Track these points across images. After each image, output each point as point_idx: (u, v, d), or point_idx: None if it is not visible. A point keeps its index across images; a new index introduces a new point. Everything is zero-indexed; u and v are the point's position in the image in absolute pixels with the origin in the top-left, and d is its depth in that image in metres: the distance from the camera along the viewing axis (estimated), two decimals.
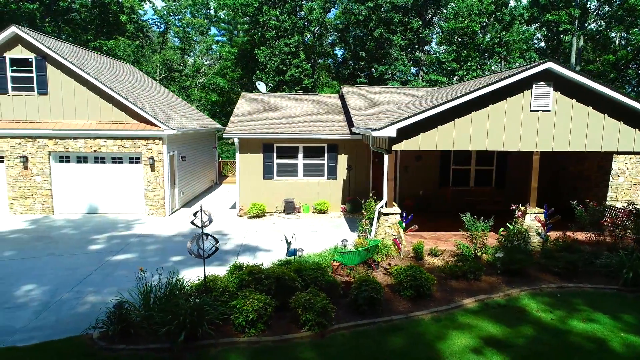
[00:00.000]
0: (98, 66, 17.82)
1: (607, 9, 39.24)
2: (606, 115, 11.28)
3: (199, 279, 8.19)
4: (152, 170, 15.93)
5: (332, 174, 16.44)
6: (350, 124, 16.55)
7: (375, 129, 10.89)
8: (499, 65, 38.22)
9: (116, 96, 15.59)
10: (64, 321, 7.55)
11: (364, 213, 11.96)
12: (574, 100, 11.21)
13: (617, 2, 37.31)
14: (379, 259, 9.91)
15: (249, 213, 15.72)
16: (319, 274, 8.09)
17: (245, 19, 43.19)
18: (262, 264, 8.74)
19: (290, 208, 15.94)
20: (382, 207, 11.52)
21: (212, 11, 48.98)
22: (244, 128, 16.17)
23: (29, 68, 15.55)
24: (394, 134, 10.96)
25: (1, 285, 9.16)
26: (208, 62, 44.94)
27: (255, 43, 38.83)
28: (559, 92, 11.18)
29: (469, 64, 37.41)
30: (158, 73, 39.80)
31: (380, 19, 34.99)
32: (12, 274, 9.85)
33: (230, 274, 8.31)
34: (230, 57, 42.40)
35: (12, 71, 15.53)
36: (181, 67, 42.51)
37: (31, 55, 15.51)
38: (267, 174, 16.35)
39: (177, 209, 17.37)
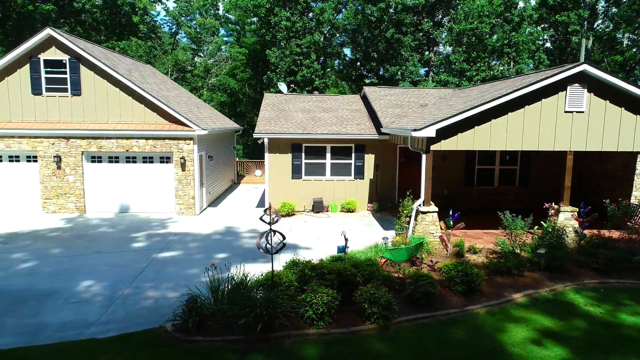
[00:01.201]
0: (127, 67, 18.09)
1: (614, 10, 39.65)
2: (638, 116, 11.59)
3: (262, 274, 8.47)
4: (183, 170, 16.21)
5: (359, 173, 16.73)
6: (377, 124, 16.84)
7: (415, 129, 11.18)
8: (508, 65, 38.53)
9: (148, 97, 15.87)
10: (133, 315, 7.83)
11: (401, 211, 12.25)
12: (607, 101, 11.53)
13: (625, 3, 37.69)
14: (424, 256, 10.21)
15: (279, 212, 15.99)
16: (374, 270, 8.39)
17: (254, 19, 43.51)
18: (310, 260, 9.01)
19: (319, 207, 16.23)
20: (419, 205, 11.82)
21: (220, 12, 49.34)
22: (273, 128, 16.45)
23: (63, 69, 15.81)
24: (433, 134, 11.27)
25: (60, 281, 9.43)
26: (216, 62, 45.17)
27: (266, 44, 39.10)
28: (592, 94, 11.49)
29: (477, 64, 37.77)
30: (169, 74, 40.05)
31: (392, 20, 35.28)
32: (67, 270, 10.13)
33: (288, 270, 8.59)
34: (241, 58, 42.68)
35: (46, 72, 15.79)
36: (191, 68, 42.80)
37: (65, 57, 15.78)
38: (296, 173, 16.64)
39: (205, 208, 17.66)
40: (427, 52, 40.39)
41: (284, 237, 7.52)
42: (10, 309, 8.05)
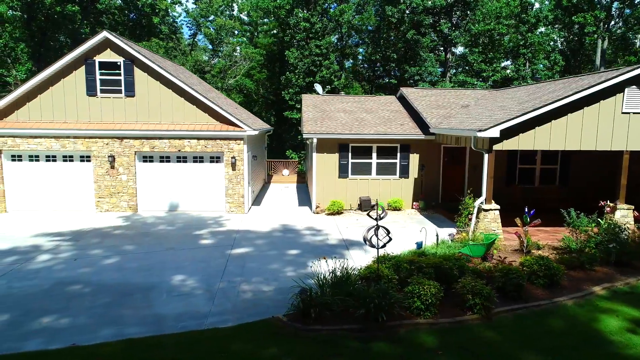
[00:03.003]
0: (173, 69, 18.47)
1: (627, 11, 40.18)
2: None
3: (360, 269, 8.88)
4: (234, 169, 16.60)
5: (404, 172, 17.16)
6: (420, 124, 17.27)
7: (480, 130, 11.61)
8: (524, 66, 38.97)
9: (201, 98, 16.26)
10: (240, 307, 8.23)
11: (461, 209, 12.68)
12: None
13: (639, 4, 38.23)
14: (494, 252, 10.64)
15: (328, 210, 16.41)
16: (463, 263, 8.81)
17: (267, 19, 43.90)
18: (390, 255, 9.44)
19: (367, 205, 16.65)
20: (481, 203, 12.25)
21: (235, 12, 49.70)
22: (321, 129, 16.86)
23: (117, 71, 16.18)
24: (497, 135, 11.70)
25: (152, 276, 9.82)
26: (234, 63, 45.54)
27: (284, 44, 39.49)
28: None
29: (494, 65, 38.29)
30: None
31: (412, 21, 35.72)
32: (152, 266, 10.52)
33: (379, 264, 9.00)
34: (258, 59, 43.05)
35: (101, 74, 16.16)
36: (209, 69, 43.17)
37: (119, 59, 16.15)
38: (342, 172, 17.05)
39: (250, 207, 18.05)
40: (442, 53, 40.83)
41: (388, 232, 7.91)
42: (120, 301, 8.44)
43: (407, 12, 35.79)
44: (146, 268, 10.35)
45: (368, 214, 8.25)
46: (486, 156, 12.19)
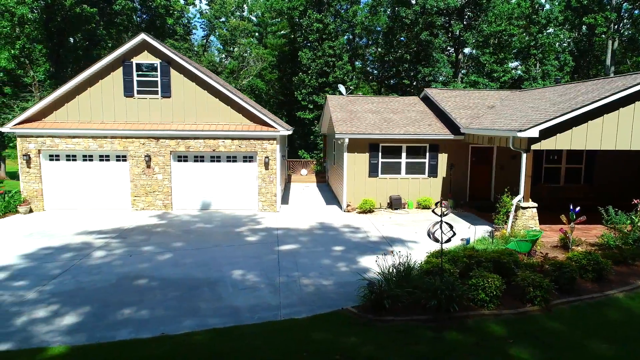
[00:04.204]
0: (202, 70, 18.82)
1: (637, 12, 40.64)
2: None
3: (421, 263, 9.26)
4: (267, 168, 16.97)
5: (433, 172, 17.54)
6: (448, 124, 17.65)
7: (520, 130, 12.00)
8: (535, 67, 39.38)
9: (235, 98, 16.66)
10: (308, 299, 8.59)
11: (499, 206, 13.05)
12: None
13: None
14: (538, 248, 11.03)
15: (360, 208, 16.79)
16: (516, 258, 9.19)
17: (276, 20, 44.27)
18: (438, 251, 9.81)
19: (397, 204, 17.03)
20: (519, 201, 12.64)
21: (245, 13, 50.06)
22: (351, 129, 17.23)
23: (154, 72, 16.54)
24: (536, 135, 12.09)
25: (212, 271, 10.18)
26: (246, 64, 45.91)
27: (296, 45, 39.86)
28: None
29: (504, 66, 38.73)
30: None
31: (425, 22, 36.13)
32: (208, 261, 10.88)
33: (432, 257, 9.40)
34: (271, 60, 43.42)
35: (138, 75, 16.52)
36: (221, 69, 43.53)
37: (156, 61, 16.51)
38: (373, 172, 17.42)
39: (280, 206, 18.40)
40: (453, 54, 41.23)
41: (451, 227, 8.27)
42: (190, 294, 8.81)
43: (420, 13, 36.17)
44: (202, 263, 10.71)
45: (433, 211, 8.62)
46: (524, 155, 12.57)
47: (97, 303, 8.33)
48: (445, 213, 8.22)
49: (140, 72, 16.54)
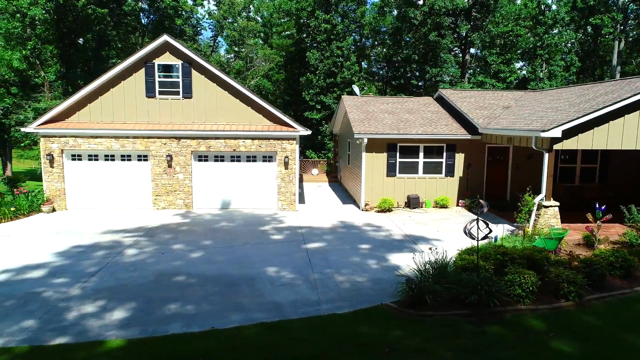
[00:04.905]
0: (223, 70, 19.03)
1: None
2: None
3: (455, 260, 9.49)
4: (286, 168, 17.19)
5: (450, 171, 17.76)
6: (464, 124, 17.88)
7: (543, 130, 12.23)
8: (541, 67, 39.62)
9: (256, 99, 16.91)
10: (346, 295, 8.81)
11: (520, 205, 13.28)
12: None
13: None
14: (563, 245, 11.26)
15: (379, 207, 17.02)
16: (546, 255, 9.41)
17: (283, 21, 44.49)
18: (467, 248, 10.05)
19: (415, 203, 17.26)
20: (541, 200, 12.87)
21: (251, 14, 50.30)
22: (369, 129, 17.46)
23: (176, 73, 16.76)
24: (558, 135, 12.32)
25: (246, 268, 10.41)
26: (251, 64, 46.15)
27: (303, 45, 40.08)
28: None
29: (510, 66, 39.03)
30: None
31: (433, 23, 36.38)
32: (240, 259, 11.11)
33: (464, 254, 9.64)
34: (278, 60, 43.65)
35: (160, 76, 16.74)
36: (229, 70, 43.75)
37: (178, 62, 16.74)
38: (390, 171, 17.65)
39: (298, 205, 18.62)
40: (460, 55, 41.48)
41: (487, 225, 8.49)
42: (229, 290, 9.03)
43: (429, 13, 36.40)
44: (235, 261, 10.93)
45: (470, 210, 8.84)
46: (546, 155, 12.81)
47: (141, 298, 8.55)
48: (483, 211, 8.44)
49: (162, 73, 16.76)
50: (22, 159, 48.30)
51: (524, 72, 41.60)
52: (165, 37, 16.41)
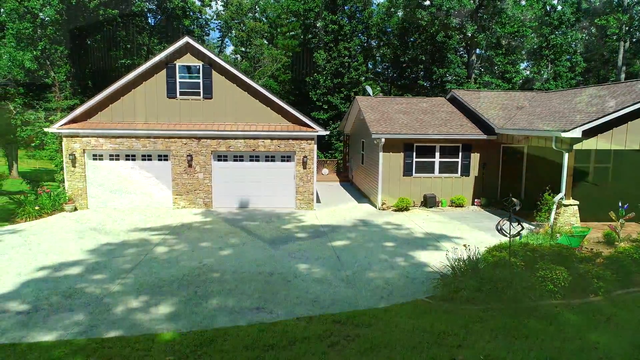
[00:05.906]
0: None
1: None
2: None
3: (483, 257, 9.75)
4: (304, 167, 17.44)
5: (465, 171, 18.04)
6: (479, 124, 18.15)
7: (564, 130, 12.52)
8: (546, 68, 39.94)
9: (275, 99, 17.15)
10: (383, 291, 9.05)
11: (540, 204, 13.56)
12: None
13: None
14: (585, 243, 11.53)
15: (396, 206, 17.28)
16: (573, 252, 9.67)
17: (288, 21, 44.73)
18: (494, 245, 10.31)
19: (432, 202, 17.52)
20: (561, 198, 13.14)
21: (257, 14, 50.55)
22: (386, 129, 17.72)
23: (196, 74, 17.01)
24: (578, 135, 12.60)
25: (277, 265, 10.65)
26: (258, 65, 46.40)
27: (310, 46, 40.35)
28: None
29: (516, 67, 39.36)
30: None
31: (441, 24, 36.67)
32: (269, 256, 11.35)
33: (493, 251, 9.89)
34: (285, 60, 43.92)
35: (181, 77, 16.98)
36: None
37: (198, 63, 16.98)
38: (407, 171, 17.92)
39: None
40: (465, 55, 41.78)
41: (519, 222, 8.74)
42: (267, 286, 9.26)
43: (438, 15, 36.71)
44: (264, 258, 11.18)
45: (503, 207, 9.09)
46: (566, 155, 13.08)
47: (181, 294, 8.79)
48: (516, 209, 8.69)
49: (183, 74, 17.00)
50: (24, 159, 48.40)
51: (527, 72, 41.91)
52: (186, 39, 16.65)
